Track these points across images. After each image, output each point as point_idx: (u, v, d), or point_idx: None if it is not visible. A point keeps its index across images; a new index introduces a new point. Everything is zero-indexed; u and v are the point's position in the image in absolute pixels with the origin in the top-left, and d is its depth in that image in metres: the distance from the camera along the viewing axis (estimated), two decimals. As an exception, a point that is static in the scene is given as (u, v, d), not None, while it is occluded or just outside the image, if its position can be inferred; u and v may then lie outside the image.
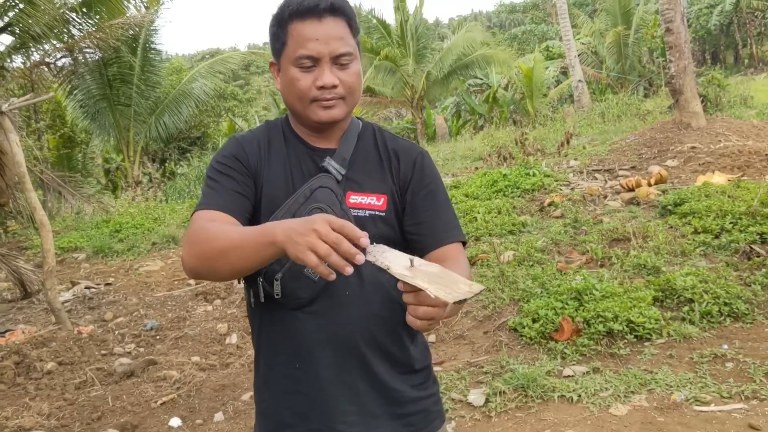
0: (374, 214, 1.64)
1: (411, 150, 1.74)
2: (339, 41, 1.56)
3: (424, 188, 1.69)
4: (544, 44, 36.40)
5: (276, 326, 1.65)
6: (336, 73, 1.57)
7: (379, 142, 1.74)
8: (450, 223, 1.69)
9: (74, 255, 10.86)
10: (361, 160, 1.69)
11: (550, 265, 5.80)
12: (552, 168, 9.93)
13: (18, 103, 6.15)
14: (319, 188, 1.59)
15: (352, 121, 1.74)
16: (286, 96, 1.65)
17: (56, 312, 6.30)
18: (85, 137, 22.33)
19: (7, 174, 6.53)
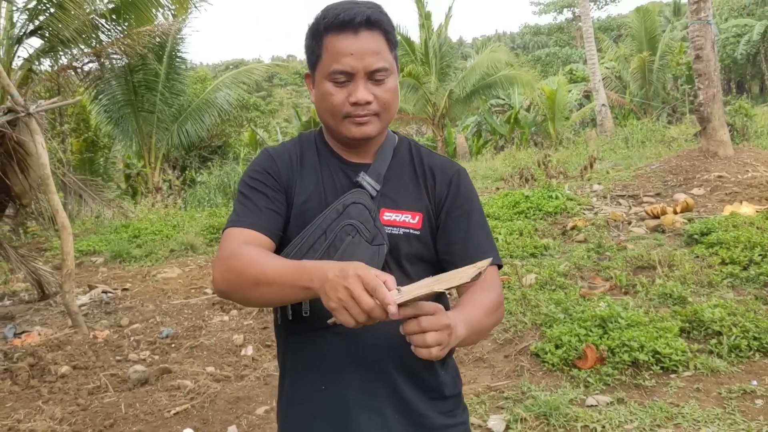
0: (408, 232, 1.59)
1: (447, 167, 1.68)
2: (374, 56, 1.51)
3: (458, 208, 1.63)
4: (568, 67, 36.34)
5: (302, 345, 1.60)
6: (371, 89, 1.52)
7: (415, 157, 1.69)
8: (484, 246, 1.63)
9: (92, 258, 10.88)
10: (396, 176, 1.64)
11: (573, 290, 5.71)
12: (575, 191, 9.84)
13: (45, 106, 6.17)
14: (352, 204, 1.54)
15: (387, 136, 1.69)
16: (319, 110, 1.61)
17: (73, 315, 6.28)
18: (107, 142, 22.45)
19: (31, 175, 6.55)
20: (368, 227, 1.52)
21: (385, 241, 1.53)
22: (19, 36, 14.40)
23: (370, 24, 1.51)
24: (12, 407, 4.95)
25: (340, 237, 1.51)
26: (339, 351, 1.54)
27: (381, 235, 1.53)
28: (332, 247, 1.50)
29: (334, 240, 1.51)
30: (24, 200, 6.98)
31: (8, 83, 5.89)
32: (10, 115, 5.87)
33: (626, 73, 27.12)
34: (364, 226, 1.51)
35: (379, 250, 1.52)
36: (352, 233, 1.51)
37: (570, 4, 49.41)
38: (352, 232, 1.51)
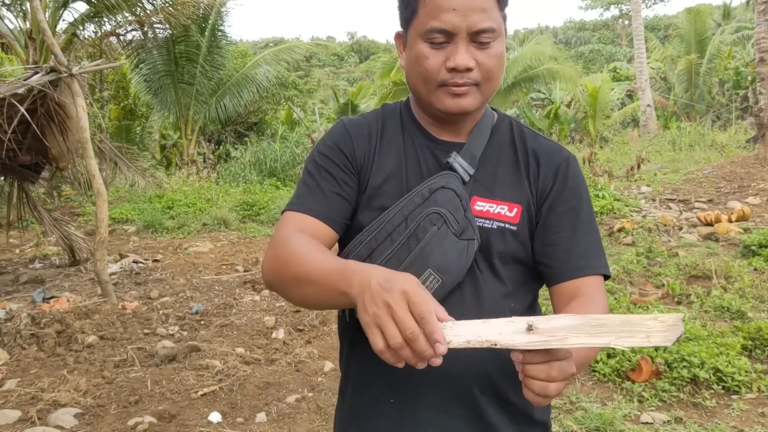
0: (504, 226, 1.32)
1: (555, 153, 1.40)
2: (481, 14, 1.24)
3: (565, 203, 1.36)
4: (612, 65, 35.63)
5: (370, 349, 1.36)
6: (473, 53, 1.25)
7: (517, 139, 1.42)
8: (591, 250, 1.35)
9: (124, 227, 10.81)
10: (494, 160, 1.38)
11: (623, 296, 5.42)
12: (621, 192, 9.50)
13: (89, 67, 6.01)
14: (440, 189, 1.29)
15: (485, 112, 1.42)
16: (409, 76, 1.34)
17: (103, 284, 6.14)
18: (145, 111, 22.47)
19: (70, 138, 6.42)
20: (457, 218, 1.27)
21: (476, 235, 1.28)
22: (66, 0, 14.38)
23: None
24: (36, 374, 4.83)
25: (424, 227, 1.25)
26: None
27: (472, 228, 1.28)
28: (413, 237, 1.25)
29: (416, 229, 1.25)
30: (61, 163, 6.86)
31: (53, 42, 5.73)
32: (53, 74, 5.72)
33: (672, 74, 26.45)
34: (453, 216, 1.26)
35: (468, 245, 1.27)
36: (437, 223, 1.25)
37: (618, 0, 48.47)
38: (438, 222, 1.25)
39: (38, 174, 7.55)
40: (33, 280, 7.32)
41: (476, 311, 1.28)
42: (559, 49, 41.46)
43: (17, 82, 5.61)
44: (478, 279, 1.31)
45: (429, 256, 1.24)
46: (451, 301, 1.28)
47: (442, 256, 1.24)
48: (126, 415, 4.16)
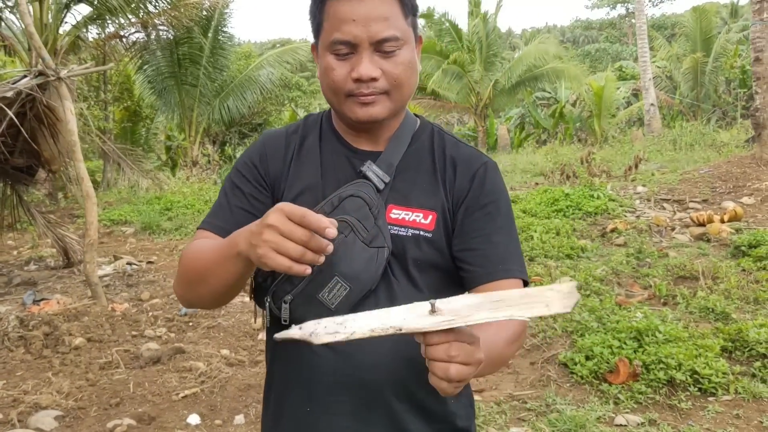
0: (419, 233, 1.33)
1: (472, 159, 1.39)
2: (382, 23, 1.23)
3: (482, 208, 1.35)
4: (618, 64, 35.46)
5: (289, 357, 1.37)
6: (378, 63, 1.25)
7: (437, 147, 1.41)
8: (508, 254, 1.34)
9: (123, 228, 10.87)
10: (412, 168, 1.38)
11: (609, 298, 5.41)
12: (617, 192, 9.46)
13: (77, 71, 6.04)
14: (349, 197, 1.30)
15: (406, 120, 1.42)
16: (322, 87, 1.35)
17: (92, 286, 6.18)
18: (150, 113, 22.58)
19: (61, 141, 6.46)
20: (366, 225, 1.28)
21: (387, 243, 1.29)
22: (68, 2, 14.45)
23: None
24: (22, 377, 4.86)
25: None
26: (327, 369, 1.31)
27: (382, 236, 1.28)
28: None
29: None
30: (53, 166, 6.92)
31: (40, 45, 5.77)
32: (41, 78, 5.76)
33: (677, 73, 26.30)
34: (362, 224, 1.27)
35: (378, 253, 1.28)
36: (345, 231, 1.26)
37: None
38: (345, 230, 1.26)
39: (32, 177, 7.61)
40: (26, 282, 7.37)
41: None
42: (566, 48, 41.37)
43: (5, 85, 5.65)
44: (393, 286, 1.32)
45: (336, 264, 1.25)
46: (365, 307, 1.29)
47: (349, 264, 1.25)
48: (106, 418, 4.19)
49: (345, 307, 1.26)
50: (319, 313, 1.24)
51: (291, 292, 1.27)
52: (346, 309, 1.26)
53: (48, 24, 14.10)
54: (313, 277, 1.23)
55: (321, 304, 1.25)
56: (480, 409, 3.90)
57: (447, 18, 24.72)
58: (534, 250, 7.04)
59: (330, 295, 1.25)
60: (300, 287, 1.26)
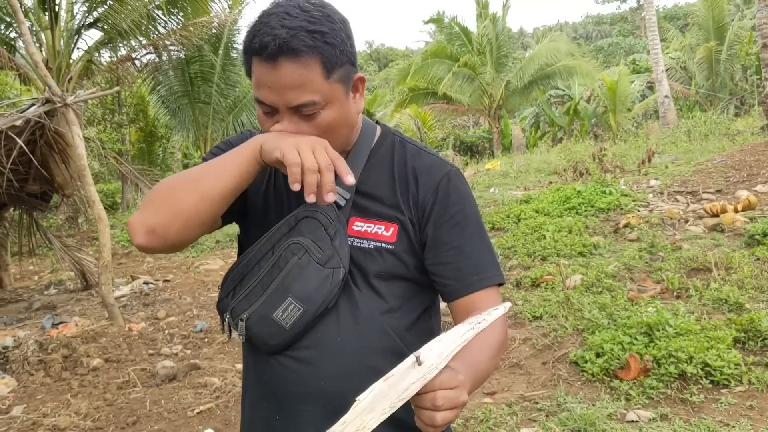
0: (380, 245, 1.34)
1: (434, 169, 1.38)
2: (296, 90, 1.21)
3: (449, 219, 1.35)
4: (631, 57, 35.21)
5: (259, 367, 1.40)
6: (298, 124, 1.24)
7: (397, 158, 1.41)
8: (482, 261, 1.36)
9: (141, 249, 10.98)
10: (372, 181, 1.38)
11: (620, 294, 5.37)
12: (630, 187, 9.40)
13: (84, 96, 6.14)
14: (305, 219, 1.31)
15: (363, 133, 1.41)
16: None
17: (109, 307, 6.27)
18: (165, 132, 22.84)
19: (72, 166, 6.56)
20: (322, 246, 1.29)
21: (343, 263, 1.30)
22: (79, 27, 14.68)
23: (289, 51, 1.18)
24: (41, 400, 4.94)
25: (285, 257, 1.29)
26: (294, 381, 1.33)
27: (338, 257, 1.29)
28: (276, 266, 1.30)
29: (278, 259, 1.30)
30: (66, 190, 7.02)
31: (45, 73, 5.88)
32: (48, 105, 5.86)
33: (692, 63, 26.07)
34: (317, 245, 1.29)
35: (333, 273, 1.29)
36: (299, 253, 1.29)
37: (635, -8, 47.96)
38: (299, 252, 1.29)
39: (47, 202, 7.73)
40: (46, 306, 7.50)
41: (353, 330, 1.32)
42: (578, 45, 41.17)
43: (14, 114, 5.76)
44: (356, 297, 1.33)
45: (290, 285, 1.28)
46: (328, 320, 1.32)
47: (302, 286, 1.28)
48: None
49: (300, 326, 1.29)
50: (275, 333, 1.29)
51: (247, 310, 1.30)
52: (301, 327, 1.29)
53: (60, 50, 14.33)
54: (267, 297, 1.28)
55: (275, 323, 1.28)
56: (491, 412, 3.90)
57: (456, 22, 24.74)
58: (546, 249, 7.02)
59: (284, 315, 1.27)
60: (255, 306, 1.29)
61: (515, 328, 5.24)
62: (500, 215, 8.70)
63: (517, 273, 6.57)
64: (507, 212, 8.69)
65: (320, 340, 1.31)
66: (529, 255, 7.01)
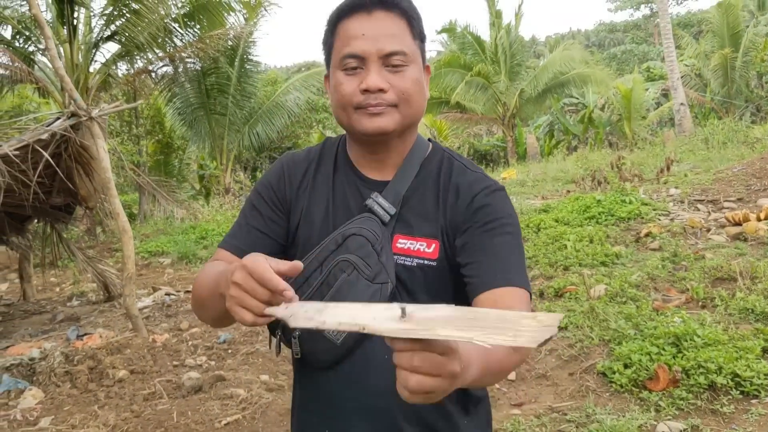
0: (423, 263, 1.34)
1: (475, 184, 1.38)
2: (390, 38, 1.29)
3: (483, 226, 1.33)
4: (645, 65, 35.14)
5: (309, 383, 1.42)
6: (386, 76, 1.30)
7: (443, 173, 1.41)
8: (510, 265, 1.31)
9: (160, 259, 11.05)
10: (418, 196, 1.39)
11: (645, 303, 5.35)
12: (650, 196, 9.37)
13: (108, 110, 6.21)
14: (351, 236, 1.33)
15: (416, 145, 1.43)
16: (332, 108, 1.39)
17: (133, 319, 6.31)
18: (182, 144, 23.00)
19: (96, 179, 6.62)
20: (369, 263, 1.30)
21: (390, 278, 1.31)
22: (97, 41, 14.84)
23: (386, 4, 1.31)
24: (69, 411, 4.97)
25: (334, 274, 1.31)
26: (343, 396, 1.36)
27: (385, 272, 1.31)
28: (325, 284, 1.32)
29: (328, 276, 1.32)
30: (90, 203, 7.09)
31: (71, 87, 5.96)
32: (74, 119, 5.93)
33: (707, 70, 25.92)
34: (364, 261, 1.30)
35: (381, 288, 1.30)
36: (347, 270, 1.31)
37: (647, 0, 47.85)
38: (347, 269, 1.31)
39: (70, 214, 7.81)
40: (69, 318, 7.55)
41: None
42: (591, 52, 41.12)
43: (40, 128, 5.84)
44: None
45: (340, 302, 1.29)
46: (372, 342, 1.31)
47: (353, 301, 1.29)
48: (151, 448, 4.27)
49: (350, 342, 1.30)
50: (326, 349, 1.31)
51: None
52: (351, 343, 1.31)
53: (79, 64, 14.49)
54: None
55: (326, 339, 1.30)
56: (520, 423, 3.89)
57: (469, 31, 24.78)
58: (568, 259, 7.01)
59: (335, 331, 1.28)
60: None
61: (540, 339, 5.23)
62: (520, 225, 8.69)
63: (540, 283, 6.56)
64: (526, 221, 8.68)
65: (369, 357, 1.33)
66: (551, 265, 7.00)
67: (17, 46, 14.58)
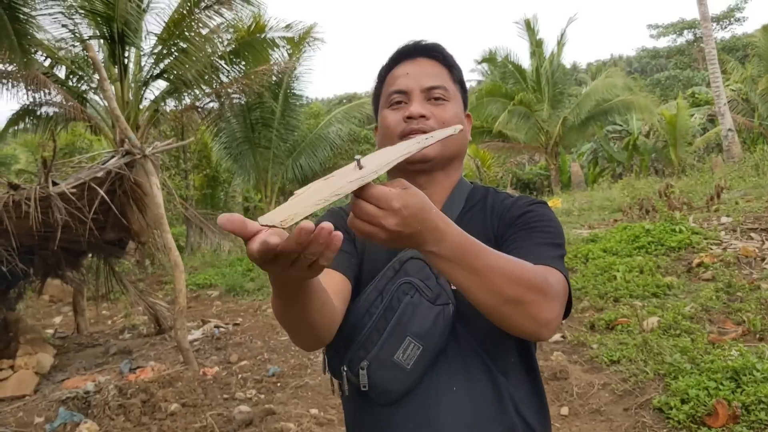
0: None
1: (519, 200, 1.46)
2: (431, 76, 1.45)
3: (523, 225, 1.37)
4: (690, 90, 34.63)
5: (367, 424, 1.41)
6: (427, 107, 1.42)
7: (489, 201, 1.48)
8: (543, 250, 1.30)
9: (208, 292, 11.20)
10: (467, 221, 1.42)
11: (700, 336, 5.23)
12: (701, 224, 9.18)
13: (160, 147, 6.39)
14: (409, 259, 1.35)
15: (460, 182, 1.51)
16: (380, 145, 1.46)
17: (184, 352, 6.40)
18: (227, 177, 23.40)
19: (148, 214, 6.78)
20: (429, 285, 1.32)
21: (451, 299, 1.32)
22: (146, 79, 15.28)
23: (427, 52, 1.49)
24: (123, 444, 5.05)
25: (398, 297, 1.32)
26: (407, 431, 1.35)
27: (445, 293, 1.32)
28: (389, 309, 1.32)
29: (391, 301, 1.32)
30: (142, 238, 7.25)
31: (126, 127, 6.15)
32: (128, 157, 6.11)
33: (754, 95, 25.44)
34: (425, 283, 1.32)
35: (444, 310, 1.31)
36: (410, 292, 1.32)
37: (690, 25, 47.35)
38: (410, 291, 1.32)
39: (123, 249, 7.99)
40: (122, 351, 7.69)
41: (465, 381, 1.34)
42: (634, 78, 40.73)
43: (96, 167, 6.02)
44: (460, 340, 1.35)
45: (407, 324, 1.30)
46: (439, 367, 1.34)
47: (419, 323, 1.30)
48: (204, 482, 4.30)
49: (421, 366, 1.30)
50: (396, 377, 1.30)
51: (366, 358, 1.31)
52: (422, 368, 1.30)
53: (129, 101, 14.93)
54: (385, 339, 1.30)
55: (396, 366, 1.29)
56: (574, 460, 3.83)
57: (509, 60, 24.83)
58: (618, 291, 6.90)
59: (405, 355, 1.29)
60: (374, 352, 1.30)
61: (592, 373, 5.15)
62: (567, 255, 8.59)
63: (590, 315, 6.47)
64: (574, 252, 8.59)
65: (433, 391, 1.33)
66: (601, 296, 6.90)
67: (71, 86, 15.11)
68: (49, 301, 12.83)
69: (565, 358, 5.55)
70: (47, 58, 14.37)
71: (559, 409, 4.58)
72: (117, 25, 13.46)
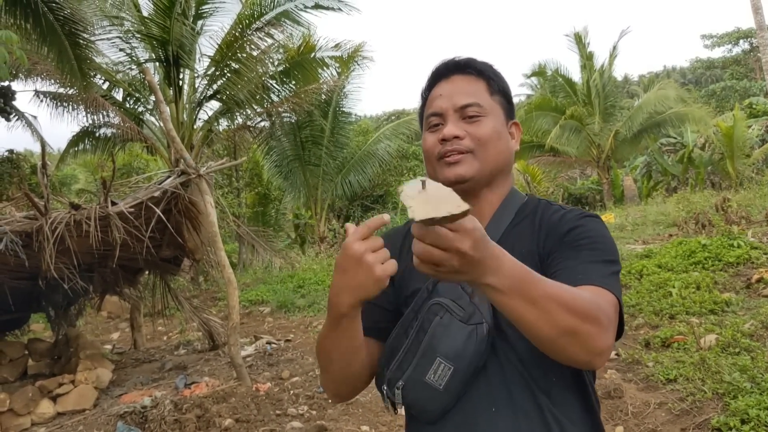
0: None
1: (570, 213, 1.43)
2: (464, 94, 1.46)
3: (572, 241, 1.35)
4: (747, 101, 33.75)
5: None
6: (462, 126, 1.43)
7: (539, 214, 1.46)
8: (592, 268, 1.28)
9: (260, 308, 11.34)
10: (515, 236, 1.42)
11: (761, 354, 5.08)
12: (760, 239, 8.93)
13: (214, 167, 6.54)
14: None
15: (511, 194, 1.50)
16: (426, 166, 1.52)
17: (237, 368, 6.50)
18: (278, 194, 23.72)
19: (203, 232, 6.93)
20: (462, 304, 1.32)
21: (486, 318, 1.31)
22: (200, 100, 15.66)
23: (461, 68, 1.50)
24: (180, 459, 5.15)
25: (428, 318, 1.33)
26: None
27: (479, 312, 1.32)
28: (421, 330, 1.34)
29: (422, 322, 1.34)
30: (197, 255, 7.40)
31: (181, 147, 6.31)
32: (183, 177, 6.27)
33: (816, 103, 24.72)
34: (456, 303, 1.33)
35: (477, 329, 1.31)
36: (440, 313, 1.33)
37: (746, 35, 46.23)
38: (440, 312, 1.33)
39: (178, 266, 8.17)
40: (177, 367, 7.85)
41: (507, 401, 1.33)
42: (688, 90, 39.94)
43: (153, 186, 6.19)
44: (502, 361, 1.35)
45: (436, 345, 1.31)
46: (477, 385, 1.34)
47: (449, 344, 1.30)
48: (258, 497, 4.35)
49: (454, 387, 1.30)
50: (430, 396, 1.31)
51: (402, 378, 1.33)
52: (456, 389, 1.30)
53: (184, 122, 15.31)
54: (417, 361, 1.31)
55: (429, 387, 1.30)
56: (630, 481, 3.75)
57: (559, 73, 24.63)
58: (674, 307, 6.75)
59: (435, 376, 1.30)
60: (408, 372, 1.32)
61: (648, 392, 5.04)
62: (621, 271, 8.46)
63: (645, 332, 6.35)
64: (628, 268, 8.44)
65: (475, 409, 1.33)
66: (656, 313, 6.76)
67: (128, 107, 15.59)
68: (107, 318, 13.20)
69: (619, 376, 5.45)
70: (105, 81, 14.87)
71: (613, 429, 4.50)
72: (172, 48, 13.84)
